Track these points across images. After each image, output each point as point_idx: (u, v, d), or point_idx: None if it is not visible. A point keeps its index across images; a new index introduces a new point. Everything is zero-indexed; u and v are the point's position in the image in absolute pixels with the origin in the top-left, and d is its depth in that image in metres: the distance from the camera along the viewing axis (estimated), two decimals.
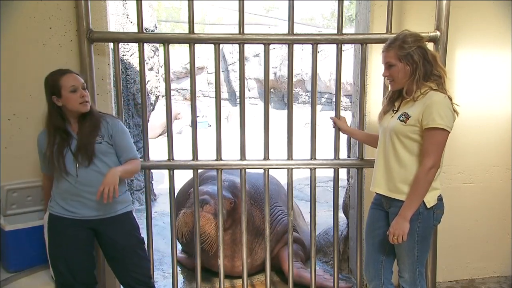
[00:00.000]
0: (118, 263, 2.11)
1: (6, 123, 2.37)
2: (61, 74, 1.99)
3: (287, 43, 2.48)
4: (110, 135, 2.04)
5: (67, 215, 2.00)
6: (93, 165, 1.98)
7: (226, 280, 2.90)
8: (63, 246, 2.01)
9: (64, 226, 2.01)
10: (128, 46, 5.06)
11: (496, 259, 3.06)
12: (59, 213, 2.01)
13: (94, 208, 2.00)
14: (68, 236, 2.01)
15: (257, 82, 18.14)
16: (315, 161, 2.60)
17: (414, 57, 1.84)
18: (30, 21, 2.33)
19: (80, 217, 2.01)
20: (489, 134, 2.90)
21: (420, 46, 1.85)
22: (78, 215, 2.00)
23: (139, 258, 2.12)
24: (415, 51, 1.84)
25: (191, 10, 2.40)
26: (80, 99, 1.97)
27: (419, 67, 1.84)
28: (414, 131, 1.85)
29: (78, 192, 1.98)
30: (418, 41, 1.86)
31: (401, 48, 1.85)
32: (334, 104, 2.66)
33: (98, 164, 1.99)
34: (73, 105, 1.97)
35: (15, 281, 2.08)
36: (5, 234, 2.13)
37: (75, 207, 2.00)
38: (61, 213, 2.01)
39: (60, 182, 2.01)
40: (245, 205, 2.60)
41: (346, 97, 12.82)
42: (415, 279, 1.97)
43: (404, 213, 1.83)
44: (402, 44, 1.85)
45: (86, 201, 1.99)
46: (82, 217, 2.01)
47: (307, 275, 2.88)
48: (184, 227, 2.71)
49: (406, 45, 1.84)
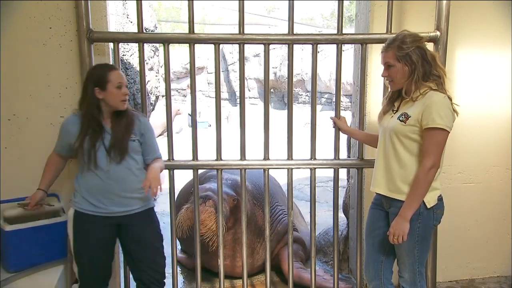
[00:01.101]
0: (136, 258, 2.15)
1: (6, 123, 2.37)
2: (110, 69, 2.05)
3: (287, 43, 2.48)
4: (142, 133, 2.12)
5: (94, 212, 2.03)
6: (124, 161, 2.03)
7: (226, 280, 2.90)
8: (89, 243, 2.06)
9: (91, 223, 2.04)
10: (128, 46, 5.05)
11: (496, 259, 3.06)
12: (86, 210, 2.04)
13: (122, 204, 2.05)
14: (95, 233, 2.05)
15: (257, 82, 18.13)
16: (315, 161, 2.60)
17: (413, 58, 1.84)
18: (30, 21, 2.33)
19: (107, 213, 2.04)
20: (489, 134, 2.90)
21: (418, 46, 1.85)
22: (106, 211, 2.04)
23: (157, 254, 2.18)
24: (413, 51, 1.84)
25: (191, 10, 2.40)
26: (122, 96, 2.03)
27: (417, 68, 1.84)
28: (414, 131, 1.85)
29: (108, 187, 2.02)
30: (417, 41, 1.86)
31: (400, 49, 1.85)
32: (334, 104, 2.66)
33: (129, 161, 2.05)
34: (115, 101, 2.02)
35: (15, 281, 2.07)
36: (5, 234, 2.13)
37: (103, 203, 2.03)
38: (88, 209, 2.03)
39: (88, 177, 2.03)
40: (245, 205, 2.60)
41: (346, 97, 12.81)
42: (415, 279, 1.97)
43: (404, 213, 1.83)
44: (401, 44, 1.85)
45: (114, 197, 2.03)
46: (109, 213, 2.04)
47: (307, 275, 2.88)
48: (187, 222, 2.68)
49: (404, 45, 1.84)
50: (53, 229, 2.23)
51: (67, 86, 2.40)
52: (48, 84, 2.39)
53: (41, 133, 2.41)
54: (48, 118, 2.41)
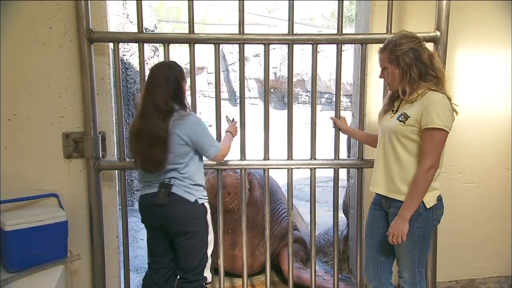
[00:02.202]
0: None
1: (6, 123, 2.37)
2: None
3: (287, 43, 2.49)
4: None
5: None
6: None
7: (226, 280, 2.90)
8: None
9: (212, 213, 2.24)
10: (128, 46, 5.06)
11: (496, 259, 3.06)
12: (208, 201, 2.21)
13: None
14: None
15: (257, 82, 18.14)
16: (315, 161, 2.60)
17: (405, 60, 1.84)
18: (30, 21, 2.33)
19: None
20: (489, 134, 2.90)
21: (412, 47, 1.85)
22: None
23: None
24: (406, 53, 1.84)
25: (191, 10, 2.40)
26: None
27: (411, 69, 1.84)
28: (413, 131, 1.85)
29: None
30: (411, 42, 1.85)
31: (391, 52, 1.87)
32: (334, 104, 2.66)
33: None
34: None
35: (15, 281, 2.07)
36: (5, 234, 2.13)
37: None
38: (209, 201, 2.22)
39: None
40: (245, 206, 2.59)
41: (346, 97, 12.83)
42: (415, 279, 1.97)
43: (403, 214, 1.83)
44: (393, 47, 1.86)
45: None
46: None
47: (306, 275, 2.88)
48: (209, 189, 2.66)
49: (397, 48, 1.85)
50: (53, 229, 2.23)
51: (67, 86, 2.40)
52: (48, 84, 2.39)
53: (41, 133, 2.41)
54: (48, 118, 2.41)
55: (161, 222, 2.09)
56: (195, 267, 2.12)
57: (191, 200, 2.06)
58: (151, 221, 2.15)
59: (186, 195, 2.05)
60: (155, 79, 2.03)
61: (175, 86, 2.04)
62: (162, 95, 2.00)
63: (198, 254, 2.11)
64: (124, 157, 2.49)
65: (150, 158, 1.98)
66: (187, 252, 2.10)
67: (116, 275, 2.65)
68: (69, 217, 2.33)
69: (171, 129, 1.99)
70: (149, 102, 2.00)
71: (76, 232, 2.49)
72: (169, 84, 2.02)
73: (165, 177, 2.04)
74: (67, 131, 2.42)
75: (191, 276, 2.13)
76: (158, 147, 1.96)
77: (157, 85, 2.01)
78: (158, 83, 2.01)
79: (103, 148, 2.47)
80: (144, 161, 2.02)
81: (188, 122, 2.03)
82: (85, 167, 2.44)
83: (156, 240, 2.17)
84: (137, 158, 2.05)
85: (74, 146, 2.42)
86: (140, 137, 2.00)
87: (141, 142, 2.00)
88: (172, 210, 2.04)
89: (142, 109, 2.03)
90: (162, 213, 2.05)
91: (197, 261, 2.12)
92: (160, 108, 1.98)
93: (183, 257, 2.12)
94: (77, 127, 2.43)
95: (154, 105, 1.99)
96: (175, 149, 2.01)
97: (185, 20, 2.51)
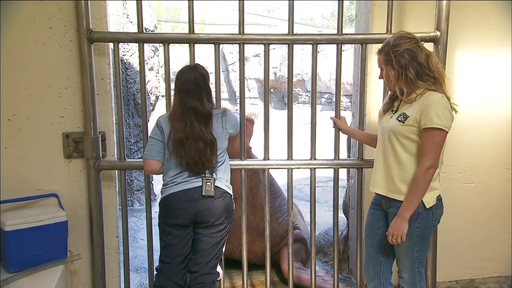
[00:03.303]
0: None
1: (6, 123, 2.37)
2: None
3: (287, 43, 2.49)
4: None
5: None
6: None
7: (226, 280, 2.90)
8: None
9: None
10: (128, 46, 5.06)
11: (496, 259, 3.06)
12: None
13: None
14: None
15: (257, 82, 18.13)
16: (315, 161, 2.60)
17: (401, 61, 1.84)
18: (30, 21, 2.33)
19: None
20: (489, 134, 2.90)
21: (408, 48, 1.85)
22: None
23: None
24: (401, 54, 1.84)
25: (191, 10, 2.40)
26: None
27: (407, 70, 1.84)
28: (412, 131, 1.85)
29: None
30: (407, 43, 1.85)
31: (386, 53, 1.88)
32: (334, 104, 2.66)
33: None
34: None
35: (15, 281, 2.07)
36: (5, 234, 2.13)
37: None
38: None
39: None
40: (245, 206, 2.59)
41: (346, 97, 12.82)
42: (414, 279, 1.97)
43: (402, 214, 1.83)
44: (388, 49, 1.87)
45: None
46: None
47: (305, 276, 2.88)
48: None
49: (392, 49, 1.86)
50: (53, 229, 2.23)
51: (67, 86, 2.40)
52: (48, 84, 2.39)
53: (41, 133, 2.41)
54: (48, 118, 2.41)
55: (197, 217, 2.08)
56: (215, 259, 2.16)
57: (231, 193, 2.18)
58: (183, 218, 2.07)
59: (227, 189, 2.16)
60: (187, 84, 2.08)
61: (206, 88, 2.11)
62: (199, 100, 2.07)
63: (220, 247, 2.17)
64: (124, 157, 2.49)
65: (202, 161, 2.05)
66: (212, 243, 2.12)
67: (116, 275, 2.65)
68: (69, 217, 2.33)
69: (222, 125, 2.12)
70: (187, 108, 2.05)
71: (76, 232, 2.49)
72: (202, 87, 2.09)
73: (206, 172, 2.09)
74: (67, 131, 2.42)
75: (208, 269, 2.14)
76: (209, 151, 2.06)
77: (192, 90, 2.07)
78: (191, 88, 2.08)
79: (103, 148, 2.47)
80: (196, 165, 2.06)
81: (230, 116, 2.19)
82: (85, 167, 2.44)
83: (182, 241, 2.11)
84: (187, 163, 2.06)
85: (74, 146, 2.42)
86: (188, 144, 2.04)
87: (191, 149, 2.04)
88: (218, 202, 2.09)
89: (181, 116, 2.06)
90: (202, 206, 2.06)
91: (218, 253, 2.17)
92: (200, 112, 2.05)
93: (205, 250, 2.13)
94: (77, 127, 2.43)
95: (194, 111, 2.05)
96: (221, 146, 2.13)
97: (184, 20, 2.53)
